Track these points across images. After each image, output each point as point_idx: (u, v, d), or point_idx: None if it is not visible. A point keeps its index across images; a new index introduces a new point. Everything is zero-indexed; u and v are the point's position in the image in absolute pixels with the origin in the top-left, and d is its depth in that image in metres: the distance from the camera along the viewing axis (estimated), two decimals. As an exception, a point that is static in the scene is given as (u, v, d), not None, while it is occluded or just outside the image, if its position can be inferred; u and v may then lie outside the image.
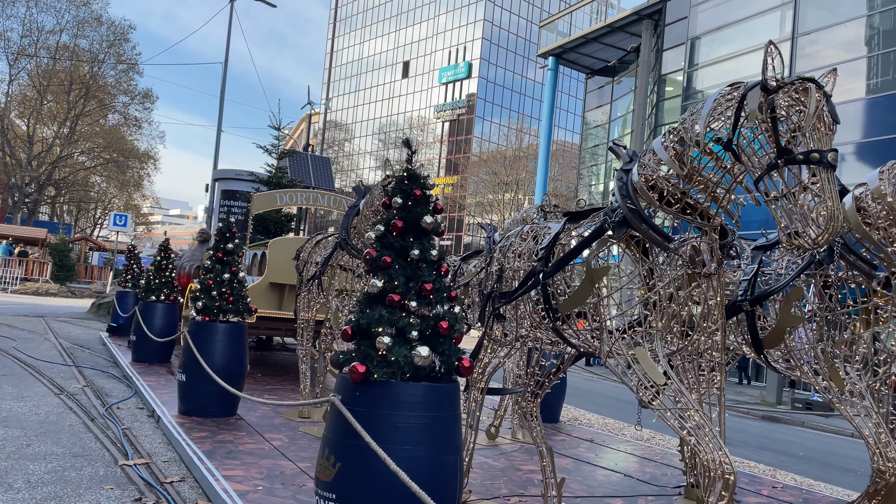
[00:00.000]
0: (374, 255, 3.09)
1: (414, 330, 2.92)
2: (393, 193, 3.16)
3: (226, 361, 6.68)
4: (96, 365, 10.29)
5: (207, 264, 6.89)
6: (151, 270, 10.39)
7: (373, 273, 3.08)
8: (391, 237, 3.11)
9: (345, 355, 3.02)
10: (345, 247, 6.29)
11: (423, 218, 3.08)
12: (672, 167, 3.13)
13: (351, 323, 3.04)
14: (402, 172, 3.17)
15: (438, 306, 3.03)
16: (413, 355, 2.86)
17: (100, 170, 53.64)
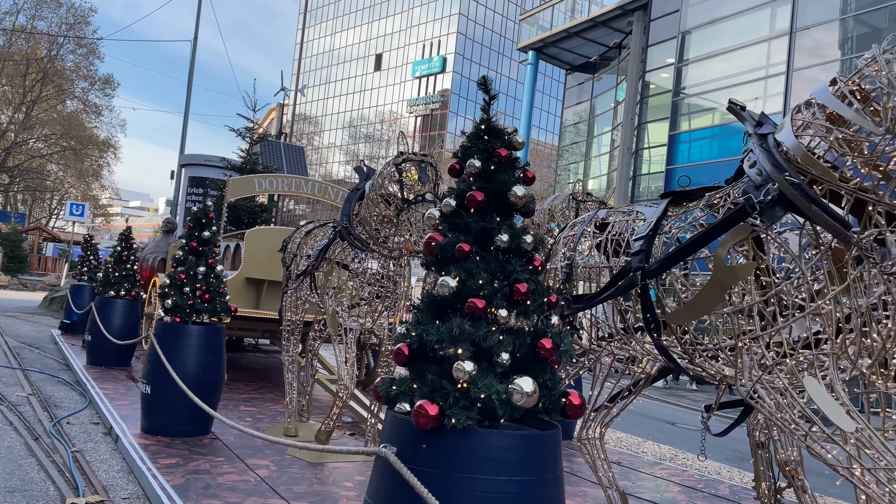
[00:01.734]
0: (441, 240, 2.13)
1: (504, 351, 1.98)
2: (464, 153, 2.21)
3: (200, 371, 5.65)
4: (45, 368, 9.10)
5: (178, 255, 5.83)
6: (110, 262, 9.23)
7: (438, 267, 2.13)
8: (467, 216, 2.16)
9: (398, 385, 2.06)
10: (346, 236, 5.30)
11: (513, 189, 2.14)
12: (862, 123, 2.24)
13: (407, 339, 2.08)
14: (478, 124, 2.21)
15: (536, 316, 2.09)
16: (511, 391, 1.92)
17: (56, 157, 51.44)
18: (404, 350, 2.10)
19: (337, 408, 5.33)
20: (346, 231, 5.30)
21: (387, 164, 5.12)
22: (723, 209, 2.65)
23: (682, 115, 23.53)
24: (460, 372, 1.95)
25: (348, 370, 5.29)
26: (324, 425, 5.41)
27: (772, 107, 19.96)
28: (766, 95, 20.91)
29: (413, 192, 4.86)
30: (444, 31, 72.30)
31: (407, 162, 4.93)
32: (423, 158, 4.97)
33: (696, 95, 22.88)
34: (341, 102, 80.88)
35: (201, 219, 5.85)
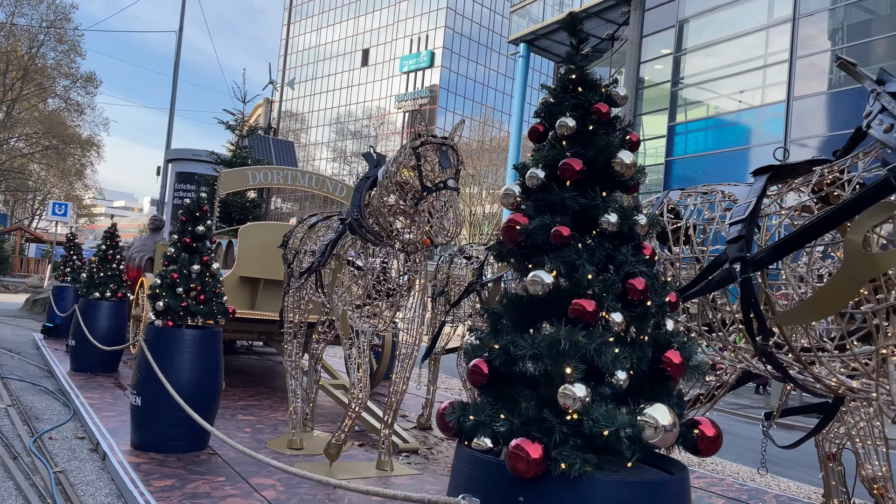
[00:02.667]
0: (526, 223, 1.62)
1: (621, 368, 1.49)
2: (549, 111, 1.71)
3: (195, 379, 5.13)
4: (26, 375, 8.52)
5: (170, 252, 5.28)
6: (95, 262, 8.65)
7: (522, 259, 1.63)
8: (561, 190, 1.65)
9: (475, 413, 1.56)
10: (357, 229, 4.79)
11: (618, 156, 1.65)
12: None
13: (485, 352, 1.58)
14: (568, 75, 1.70)
15: (655, 321, 1.59)
16: (642, 424, 1.42)
17: (38, 157, 50.43)
18: (482, 367, 1.60)
19: (349, 419, 4.82)
20: (356, 223, 4.78)
21: (402, 148, 4.61)
22: (840, 187, 2.17)
23: (680, 105, 23.14)
24: (569, 398, 1.47)
25: (361, 377, 4.78)
26: (334, 438, 4.90)
27: (774, 96, 19.62)
28: (766, 85, 20.56)
29: (433, 179, 4.36)
30: (431, 26, 71.61)
31: (426, 145, 4.43)
32: (443, 141, 4.47)
33: (695, 86, 22.49)
34: (328, 98, 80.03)
35: (195, 212, 5.31)
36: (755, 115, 20.30)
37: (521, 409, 1.56)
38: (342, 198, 9.13)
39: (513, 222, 1.76)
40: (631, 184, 1.83)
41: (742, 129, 20.78)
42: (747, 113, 20.55)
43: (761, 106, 20.28)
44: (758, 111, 20.21)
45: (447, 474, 5.27)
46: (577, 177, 1.73)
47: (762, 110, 20.05)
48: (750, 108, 20.45)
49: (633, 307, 1.65)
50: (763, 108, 19.92)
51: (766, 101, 19.78)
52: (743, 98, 20.79)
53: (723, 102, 21.61)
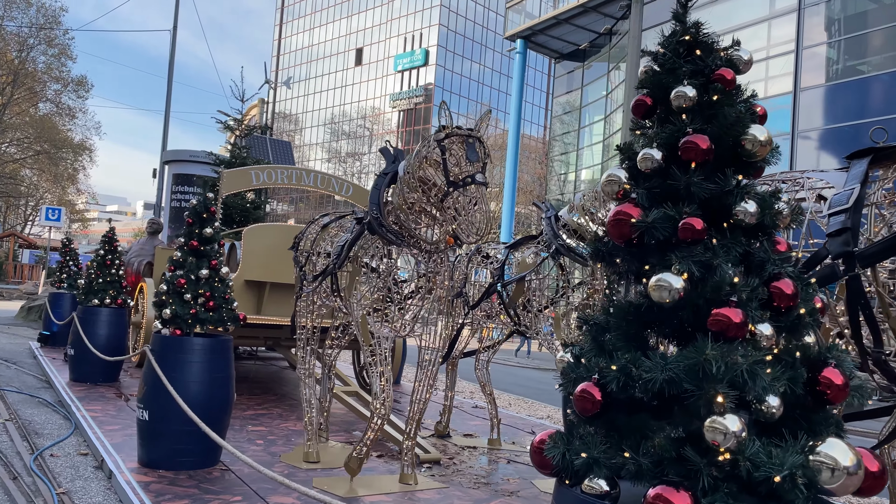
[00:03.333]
0: (639, 215, 1.34)
1: (773, 393, 1.20)
2: (655, 81, 1.42)
3: (206, 391, 4.82)
4: (24, 386, 8.19)
5: (177, 256, 4.98)
6: (93, 267, 8.33)
7: (634, 258, 1.34)
8: (687, 174, 1.37)
9: (585, 449, 1.27)
10: (377, 229, 4.49)
11: (748, 132, 1.37)
12: None
13: (593, 373, 1.29)
14: (679, 36, 1.41)
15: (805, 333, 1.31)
16: (817, 466, 1.13)
17: (30, 162, 49.97)
18: (594, 393, 1.32)
19: (371, 431, 4.53)
20: (376, 222, 4.49)
21: (425, 141, 4.31)
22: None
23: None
24: (720, 433, 1.19)
25: (384, 386, 4.48)
26: (355, 451, 4.60)
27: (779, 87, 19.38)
28: (769, 77, 20.32)
29: (459, 174, 4.07)
30: (425, 24, 71.25)
31: (451, 137, 4.14)
32: (470, 133, 4.18)
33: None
34: (322, 99, 79.61)
35: (202, 213, 5.00)
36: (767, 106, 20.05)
37: (648, 446, 1.28)
38: (348, 197, 8.84)
39: (623, 215, 1.47)
40: (759, 165, 1.54)
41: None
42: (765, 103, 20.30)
43: (766, 98, 20.03)
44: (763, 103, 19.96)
45: (474, 487, 4.99)
46: (704, 157, 1.44)
47: (767, 102, 19.81)
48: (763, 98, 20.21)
49: (780, 316, 1.37)
50: (768, 100, 19.67)
51: (771, 92, 19.54)
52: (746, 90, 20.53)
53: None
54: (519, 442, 6.76)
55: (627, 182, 1.57)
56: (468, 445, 6.39)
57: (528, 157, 48.60)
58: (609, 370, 1.36)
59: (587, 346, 1.45)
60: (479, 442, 6.58)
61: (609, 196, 1.64)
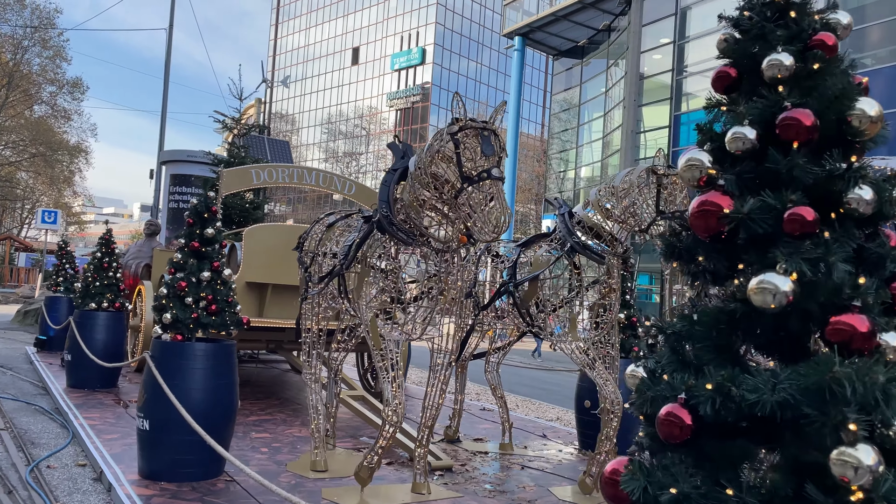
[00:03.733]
0: (730, 205, 1.13)
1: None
2: (739, 50, 1.24)
3: (209, 398, 4.62)
4: (20, 393, 7.98)
5: (177, 258, 4.77)
6: (90, 270, 8.12)
7: (727, 256, 1.14)
8: (790, 156, 1.18)
9: (674, 483, 1.07)
10: (387, 227, 4.29)
11: (856, 107, 1.20)
12: None
13: (686, 394, 1.08)
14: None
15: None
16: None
17: (26, 164, 49.70)
18: (684, 416, 1.11)
19: (383, 439, 4.32)
20: (386, 221, 4.28)
21: (438, 134, 4.11)
22: None
23: (685, 94, 22.72)
24: (851, 467, 0.99)
25: (396, 392, 4.28)
26: (366, 460, 4.40)
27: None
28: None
29: (474, 168, 3.88)
30: (422, 22, 70.98)
31: (465, 130, 3.94)
32: (485, 125, 3.98)
33: (700, 74, 22.05)
34: (318, 98, 79.31)
35: (202, 213, 4.80)
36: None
37: (754, 480, 1.08)
38: (351, 196, 8.63)
39: (711, 205, 1.26)
40: (867, 146, 1.34)
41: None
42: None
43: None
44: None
45: (489, 495, 4.79)
46: (808, 136, 1.23)
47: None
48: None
49: (903, 323, 1.18)
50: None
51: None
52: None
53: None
54: (531, 446, 6.57)
55: (712, 167, 1.36)
56: (479, 451, 6.19)
57: (527, 156, 48.44)
58: (701, 389, 1.15)
59: (665, 359, 1.25)
60: (491, 447, 6.38)
61: (688, 183, 1.44)
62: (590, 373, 4.96)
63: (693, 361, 1.22)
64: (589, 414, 6.45)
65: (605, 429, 4.83)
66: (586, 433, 6.53)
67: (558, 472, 5.62)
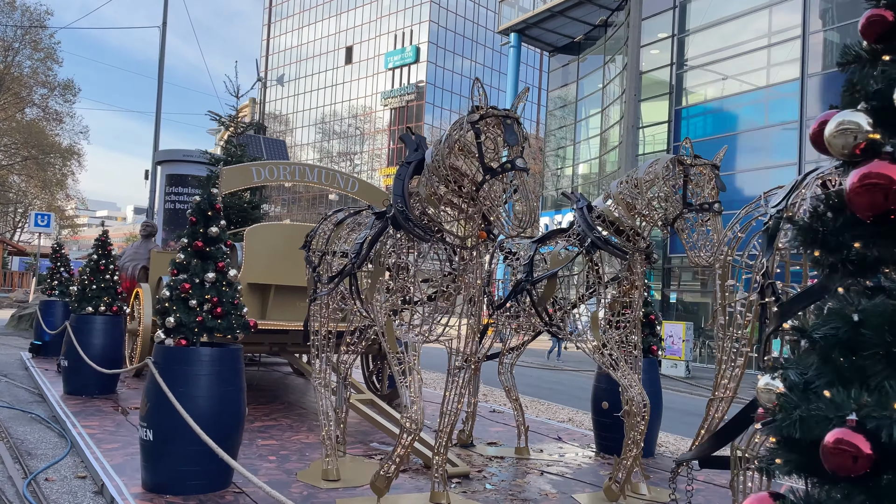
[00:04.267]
0: None
1: None
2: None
3: (215, 406, 4.39)
4: (15, 401, 7.73)
5: (180, 259, 4.53)
6: (86, 273, 7.86)
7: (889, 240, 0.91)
8: None
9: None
10: (402, 223, 4.06)
11: None
12: None
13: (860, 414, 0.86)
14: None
15: None
16: None
17: (18, 168, 49.28)
18: (861, 445, 0.89)
19: (401, 448, 4.09)
20: (402, 216, 4.05)
21: (457, 123, 3.89)
22: None
23: (685, 89, 22.51)
24: None
25: (414, 399, 4.05)
26: (383, 469, 4.17)
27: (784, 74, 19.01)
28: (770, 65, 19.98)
29: (496, 159, 3.66)
30: (415, 20, 70.59)
31: (486, 119, 3.72)
32: (507, 113, 3.76)
33: (700, 67, 21.86)
34: (312, 98, 78.87)
35: (206, 210, 4.56)
36: (765, 95, 19.73)
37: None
38: (354, 193, 8.40)
39: (881, 178, 1.04)
40: None
41: (752, 109, 20.21)
42: (757, 93, 19.97)
43: (772, 86, 19.69)
44: (766, 91, 19.64)
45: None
46: None
47: (773, 90, 19.45)
48: (759, 88, 19.86)
49: None
50: (774, 87, 19.32)
51: (777, 79, 19.20)
52: (751, 78, 20.21)
53: (730, 84, 20.99)
54: (547, 449, 6.35)
55: (873, 130, 1.13)
56: (495, 455, 5.97)
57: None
58: (882, 410, 0.92)
59: (814, 370, 1.03)
60: (506, 451, 6.16)
61: (839, 152, 1.21)
62: (613, 374, 4.75)
63: (855, 375, 0.99)
64: (607, 416, 6.24)
65: (632, 432, 4.61)
66: (604, 436, 6.32)
67: (579, 476, 5.40)
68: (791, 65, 18.71)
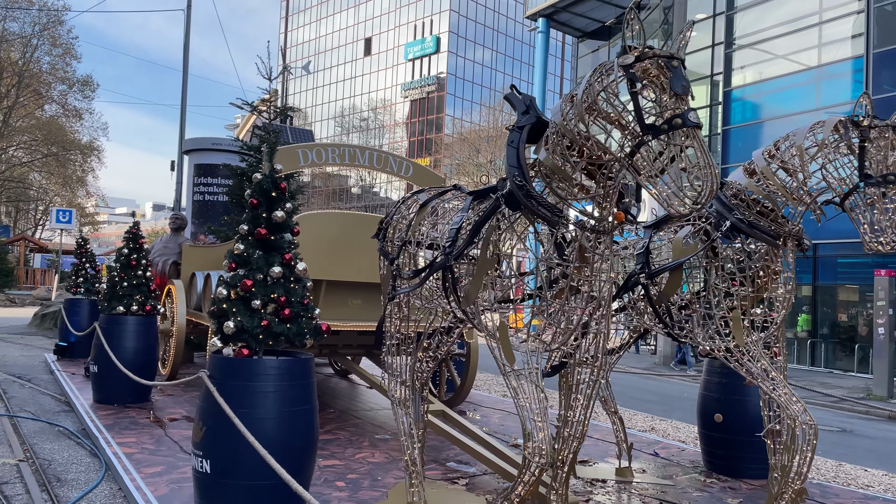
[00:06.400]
0: None
1: None
2: None
3: (285, 431, 3.58)
4: (41, 410, 7.01)
5: (238, 250, 3.72)
6: (116, 269, 7.10)
7: None
8: None
9: None
10: (524, 202, 3.21)
11: None
12: None
13: None
14: None
15: None
16: None
17: (38, 165, 49.14)
18: None
19: (522, 486, 3.25)
20: (523, 193, 3.20)
21: (600, 70, 3.04)
22: None
23: (736, 69, 21.41)
24: None
25: (540, 424, 3.21)
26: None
27: (840, 52, 17.89)
28: (823, 43, 18.87)
29: (662, 113, 2.80)
30: (436, 10, 69.41)
31: (646, 61, 2.86)
32: (673, 55, 2.90)
33: (749, 46, 20.75)
34: (330, 91, 78.07)
35: (269, 191, 3.74)
36: (821, 74, 18.61)
37: None
38: (409, 178, 7.58)
39: None
40: None
41: (809, 89, 19.09)
42: (814, 72, 18.84)
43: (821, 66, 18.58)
44: (819, 71, 18.53)
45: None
46: None
47: (832, 68, 18.30)
48: (817, 66, 18.72)
49: None
50: (833, 65, 18.17)
51: (837, 57, 18.07)
52: (801, 58, 19.11)
53: (783, 64, 19.85)
54: (648, 469, 5.49)
55: None
56: (595, 478, 5.12)
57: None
58: None
59: None
60: (603, 471, 5.31)
61: None
62: (765, 386, 3.88)
63: None
64: (718, 430, 5.40)
65: (795, 459, 3.73)
66: (715, 453, 5.47)
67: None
68: (847, 42, 17.60)
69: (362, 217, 7.14)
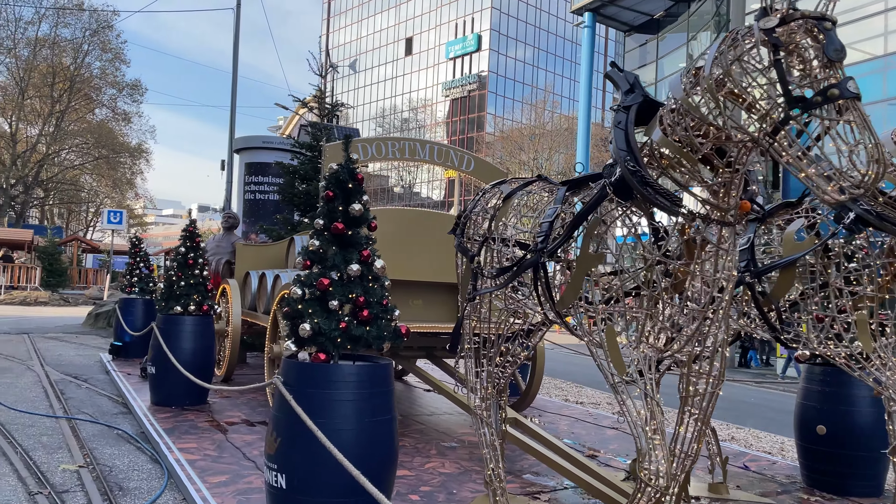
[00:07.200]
0: None
1: None
2: None
3: (366, 442, 3.29)
4: (99, 412, 6.88)
5: (314, 246, 3.43)
6: (173, 268, 6.94)
7: None
8: None
9: None
10: (638, 189, 2.84)
11: None
12: None
13: None
14: None
15: None
16: None
17: (90, 168, 50.31)
18: None
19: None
20: (638, 179, 2.83)
21: (733, 36, 2.65)
22: None
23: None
24: None
25: (657, 442, 2.84)
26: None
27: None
28: (889, 31, 17.95)
29: (812, 83, 2.41)
30: (477, 8, 68.99)
31: (790, 24, 2.48)
32: (823, 16, 2.50)
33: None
34: (372, 92, 78.28)
35: (346, 182, 3.44)
36: (887, 64, 17.71)
37: None
38: (470, 172, 7.25)
39: None
40: None
41: (875, 79, 18.19)
42: (880, 62, 17.94)
43: (887, 55, 17.66)
44: (885, 60, 17.61)
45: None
46: None
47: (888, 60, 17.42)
48: (883, 56, 17.83)
49: None
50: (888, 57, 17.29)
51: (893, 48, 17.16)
52: (866, 47, 18.20)
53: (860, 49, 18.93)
54: (742, 484, 5.06)
55: None
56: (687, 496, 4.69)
57: (602, 146, 45.88)
58: None
59: None
60: (694, 487, 4.88)
61: None
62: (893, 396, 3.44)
63: None
64: (821, 443, 4.94)
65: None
66: (816, 468, 5.01)
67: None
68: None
69: (423, 213, 6.85)
